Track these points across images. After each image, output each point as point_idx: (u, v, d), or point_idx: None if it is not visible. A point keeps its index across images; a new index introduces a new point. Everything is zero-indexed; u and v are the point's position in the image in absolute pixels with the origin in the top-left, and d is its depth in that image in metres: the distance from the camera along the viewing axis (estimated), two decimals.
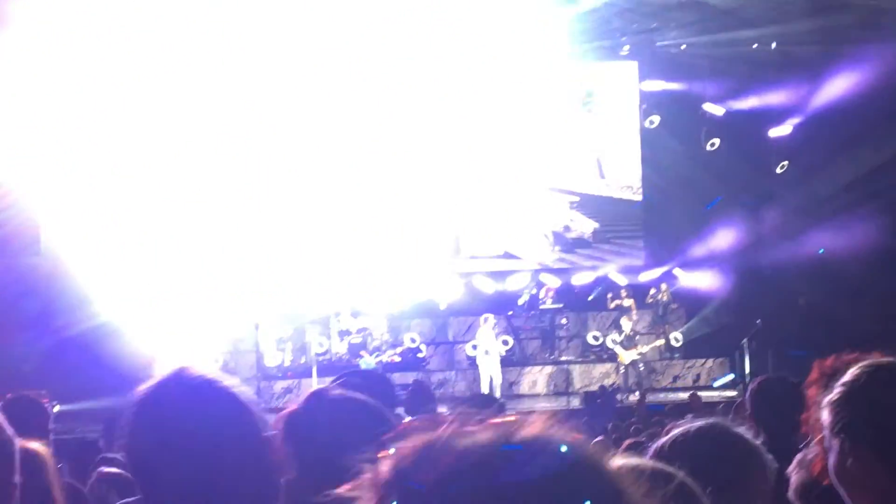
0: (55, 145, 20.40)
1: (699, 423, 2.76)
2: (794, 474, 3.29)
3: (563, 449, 1.15)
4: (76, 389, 17.79)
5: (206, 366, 2.56)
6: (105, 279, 20.45)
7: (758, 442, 2.83)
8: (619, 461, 2.02)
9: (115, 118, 21.03)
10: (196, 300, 21.58)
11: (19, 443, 3.04)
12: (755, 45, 24.24)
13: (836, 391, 2.56)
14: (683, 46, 24.88)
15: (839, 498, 2.91)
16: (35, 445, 3.36)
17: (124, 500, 3.66)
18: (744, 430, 2.71)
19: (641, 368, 22.05)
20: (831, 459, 2.53)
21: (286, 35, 22.32)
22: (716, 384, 22.43)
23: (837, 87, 22.52)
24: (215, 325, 21.67)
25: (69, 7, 20.11)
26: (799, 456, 3.41)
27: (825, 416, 2.57)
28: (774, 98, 24.30)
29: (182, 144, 21.95)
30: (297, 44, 22.55)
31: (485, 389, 21.17)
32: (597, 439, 10.49)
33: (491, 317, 22.52)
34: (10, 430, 2.55)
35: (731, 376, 22.44)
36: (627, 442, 8.11)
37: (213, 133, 22.26)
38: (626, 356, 21.92)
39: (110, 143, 21.05)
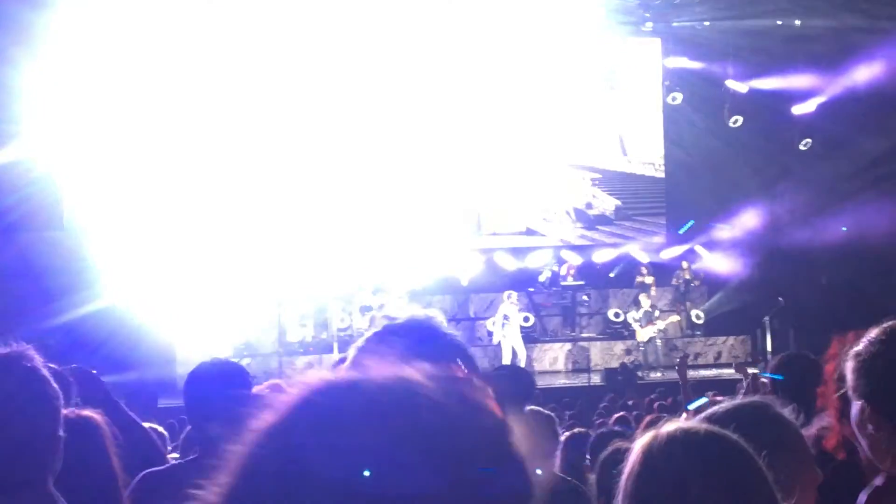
0: (80, 123, 20.49)
1: (745, 399, 2.75)
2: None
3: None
4: (99, 364, 17.85)
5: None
6: (128, 255, 20.57)
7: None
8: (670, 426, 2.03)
9: (138, 99, 21.12)
10: (219, 278, 21.72)
11: (78, 411, 3.12)
12: (779, 22, 24.12)
13: (858, 356, 2.56)
14: (707, 23, 24.77)
15: (854, 473, 2.92)
16: (90, 412, 3.43)
17: None
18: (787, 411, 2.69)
19: (659, 345, 22.02)
20: (853, 416, 2.54)
21: (308, 17, 22.38)
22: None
23: (862, 66, 22.38)
24: (238, 301, 21.80)
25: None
26: (813, 429, 3.42)
27: (848, 377, 2.58)
28: (798, 75, 24.17)
29: (204, 127, 22.06)
30: (321, 24, 22.61)
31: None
32: (617, 415, 10.52)
33: (514, 293, 22.51)
34: (55, 387, 2.64)
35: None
36: (648, 418, 8.11)
37: (236, 113, 22.38)
38: (644, 333, 21.89)
39: (134, 122, 21.14)
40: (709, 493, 1.87)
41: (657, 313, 22.26)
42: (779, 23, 24.16)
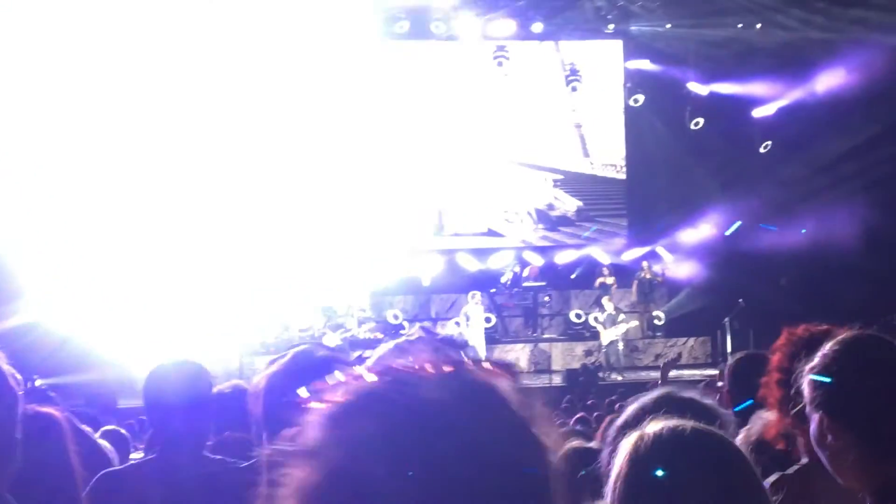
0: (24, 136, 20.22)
1: (652, 393, 2.79)
2: (749, 431, 3.33)
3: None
4: (57, 365, 17.81)
5: None
6: (82, 257, 20.41)
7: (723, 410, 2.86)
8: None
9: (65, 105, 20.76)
10: (182, 277, 21.57)
11: (37, 407, 3.08)
12: (740, 25, 24.31)
13: (815, 364, 2.57)
14: (668, 25, 24.91)
15: (789, 463, 2.95)
16: (51, 409, 3.40)
17: None
18: (695, 394, 2.74)
19: (621, 348, 22.06)
20: (812, 430, 2.55)
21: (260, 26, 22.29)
22: None
23: (821, 71, 22.60)
24: (199, 301, 21.63)
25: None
26: (754, 416, 3.45)
27: (805, 388, 2.59)
28: (758, 78, 24.36)
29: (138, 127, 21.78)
30: (271, 32, 22.50)
31: None
32: (578, 415, 10.54)
33: (478, 294, 22.50)
34: (18, 389, 2.61)
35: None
36: (609, 418, 8.12)
37: (176, 108, 22.08)
38: (606, 336, 21.91)
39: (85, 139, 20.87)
40: (700, 491, 1.86)
41: (620, 316, 22.31)
42: (739, 26, 24.35)
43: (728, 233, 24.19)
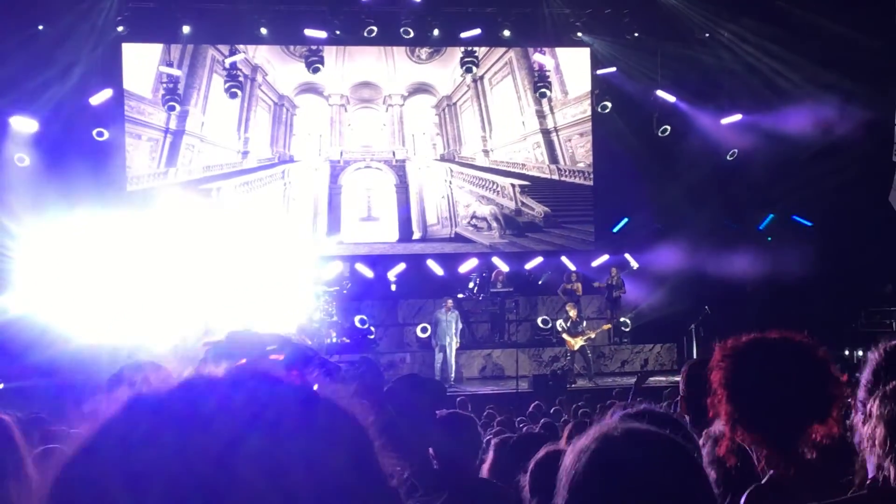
0: None
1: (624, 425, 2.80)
2: (704, 448, 3.37)
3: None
4: (21, 369, 17.71)
5: None
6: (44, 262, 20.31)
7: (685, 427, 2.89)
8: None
9: None
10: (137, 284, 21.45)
11: None
12: (707, 35, 24.52)
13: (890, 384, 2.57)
14: (637, 34, 25.05)
15: (744, 480, 2.99)
16: (2, 415, 3.35)
17: None
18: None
19: (589, 354, 22.08)
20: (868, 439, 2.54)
21: None
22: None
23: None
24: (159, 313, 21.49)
25: None
26: (705, 435, 3.51)
27: (864, 397, 2.63)
28: (725, 86, 24.55)
29: None
30: None
31: (437, 372, 21.24)
32: (544, 420, 10.55)
33: (450, 300, 22.42)
34: None
35: None
36: (571, 424, 8.13)
37: None
38: (575, 342, 21.89)
39: None
40: (647, 491, 1.86)
41: (584, 323, 22.32)
42: (706, 35, 24.54)
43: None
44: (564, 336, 22.19)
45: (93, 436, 1.12)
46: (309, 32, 23.87)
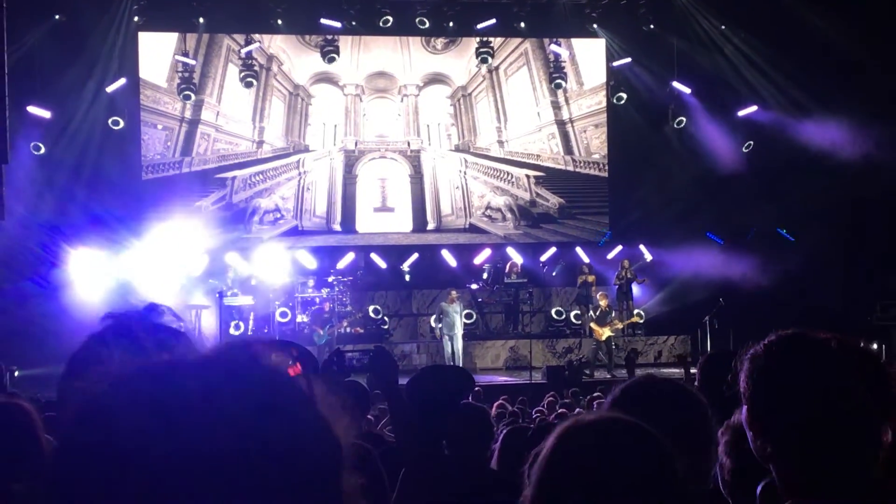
0: None
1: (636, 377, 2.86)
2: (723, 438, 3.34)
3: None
4: (38, 355, 17.81)
5: None
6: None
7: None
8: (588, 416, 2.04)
9: None
10: (161, 268, 21.58)
11: (6, 397, 3.05)
12: (723, 27, 24.47)
13: None
14: (652, 26, 25.01)
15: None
16: (23, 401, 3.37)
17: None
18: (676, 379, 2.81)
19: (614, 346, 22.00)
20: None
21: None
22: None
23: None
24: (177, 291, 21.61)
25: None
26: (725, 426, 3.47)
27: None
28: (740, 79, 24.49)
29: None
30: None
31: (448, 360, 21.23)
32: (559, 411, 10.53)
33: (454, 291, 22.40)
34: None
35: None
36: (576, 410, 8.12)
37: None
38: (603, 332, 21.73)
39: None
40: (612, 481, 1.86)
41: (613, 313, 22.25)
42: (723, 27, 24.48)
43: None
44: (593, 325, 22.05)
45: (81, 410, 1.13)
46: (325, 22, 23.88)
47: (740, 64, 24.37)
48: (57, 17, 21.86)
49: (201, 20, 23.53)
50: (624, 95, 25.29)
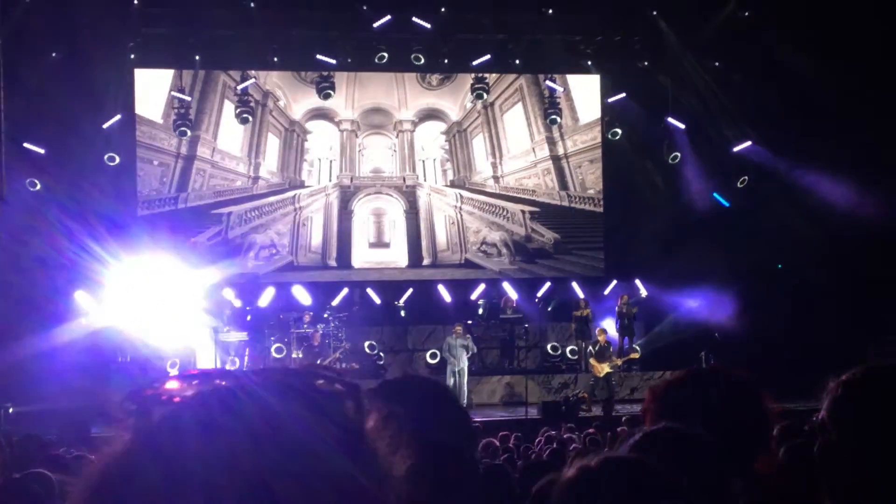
0: None
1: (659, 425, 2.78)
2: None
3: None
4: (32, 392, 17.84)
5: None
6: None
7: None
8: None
9: None
10: (155, 304, 21.57)
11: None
12: (717, 64, 24.59)
13: None
14: (646, 63, 25.14)
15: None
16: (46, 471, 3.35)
17: None
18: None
19: (614, 382, 21.90)
20: None
21: None
22: None
23: None
24: (173, 327, 21.62)
25: None
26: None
27: None
28: (735, 114, 24.57)
29: None
30: None
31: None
32: (551, 448, 10.50)
33: (460, 326, 22.31)
34: None
35: None
36: (575, 445, 8.09)
37: None
38: (602, 369, 21.66)
39: None
40: None
41: (611, 349, 22.20)
42: (716, 64, 24.61)
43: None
44: (592, 361, 21.96)
45: (127, 447, 1.13)
46: (320, 58, 23.98)
47: (733, 101, 24.44)
48: (54, 54, 21.93)
49: (197, 57, 23.62)
50: (619, 131, 25.37)
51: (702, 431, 2.60)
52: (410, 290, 24.79)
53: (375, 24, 23.52)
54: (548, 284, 25.49)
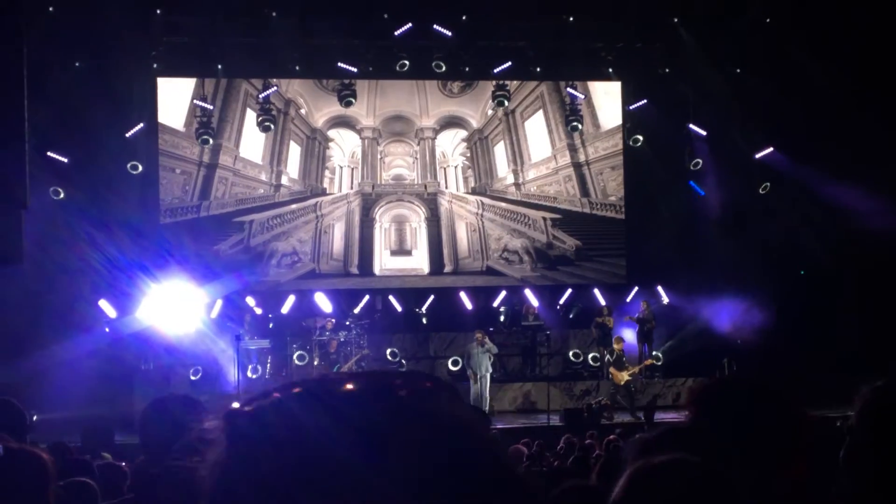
0: None
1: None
2: None
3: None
4: (55, 400, 17.91)
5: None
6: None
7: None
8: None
9: None
10: (178, 311, 21.65)
11: (22, 445, 3.05)
12: (738, 70, 24.51)
13: None
14: (667, 69, 25.09)
15: None
16: (39, 450, 3.36)
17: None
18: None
19: (633, 389, 21.88)
20: None
21: None
22: None
23: None
24: (197, 335, 21.72)
25: None
26: None
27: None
28: (757, 121, 24.48)
29: None
30: None
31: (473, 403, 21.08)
32: (574, 455, 10.48)
33: (481, 332, 22.29)
34: None
35: None
36: (596, 451, 8.08)
37: None
38: (622, 377, 21.67)
39: None
40: None
41: (625, 358, 22.18)
42: (738, 71, 24.52)
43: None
44: (611, 370, 22.01)
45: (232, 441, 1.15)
46: (342, 66, 24.04)
47: (754, 107, 24.34)
48: (77, 63, 22.07)
49: (219, 65, 23.73)
50: (640, 138, 25.32)
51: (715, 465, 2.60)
52: (432, 298, 24.82)
53: (397, 32, 23.56)
54: (569, 291, 25.45)
